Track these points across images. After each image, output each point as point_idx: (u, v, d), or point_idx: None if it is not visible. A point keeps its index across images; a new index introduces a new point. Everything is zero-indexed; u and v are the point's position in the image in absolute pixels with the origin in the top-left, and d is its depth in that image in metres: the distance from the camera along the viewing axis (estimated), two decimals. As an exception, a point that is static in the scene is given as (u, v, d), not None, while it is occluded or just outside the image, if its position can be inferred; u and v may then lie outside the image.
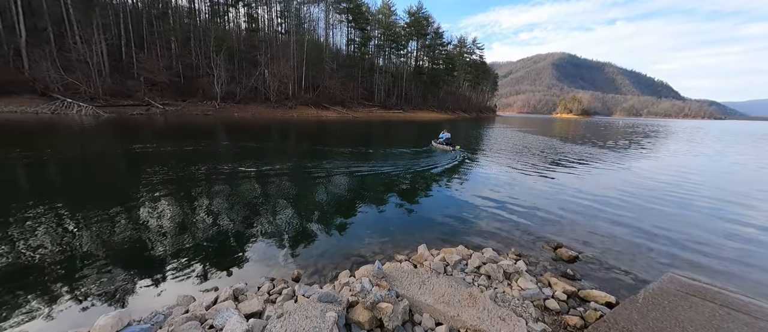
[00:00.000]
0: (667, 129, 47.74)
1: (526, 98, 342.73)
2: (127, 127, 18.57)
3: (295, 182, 7.49)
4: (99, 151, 11.07)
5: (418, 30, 69.27)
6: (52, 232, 4.25)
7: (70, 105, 25.20)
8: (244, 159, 9.93)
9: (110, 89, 29.63)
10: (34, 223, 4.46)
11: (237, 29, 47.81)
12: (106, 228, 4.47)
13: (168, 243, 4.11)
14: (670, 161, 13.51)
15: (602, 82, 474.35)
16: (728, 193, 8.07)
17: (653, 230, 5.26)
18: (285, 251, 4.10)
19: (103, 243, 4.04)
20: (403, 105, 64.05)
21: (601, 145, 19.38)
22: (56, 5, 29.40)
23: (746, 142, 26.28)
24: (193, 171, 7.92)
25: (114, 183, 7.00)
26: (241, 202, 5.84)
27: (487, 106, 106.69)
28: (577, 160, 12.74)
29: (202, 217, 5.08)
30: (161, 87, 33.63)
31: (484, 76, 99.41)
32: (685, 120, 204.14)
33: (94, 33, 29.47)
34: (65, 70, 27.25)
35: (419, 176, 8.58)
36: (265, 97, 41.03)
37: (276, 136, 17.95)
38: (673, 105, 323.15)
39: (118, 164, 9.16)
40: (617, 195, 7.38)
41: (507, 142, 18.80)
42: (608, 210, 6.23)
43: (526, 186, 8.00)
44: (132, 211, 5.15)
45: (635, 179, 9.37)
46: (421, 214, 5.68)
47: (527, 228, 5.12)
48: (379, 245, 4.36)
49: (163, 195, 5.98)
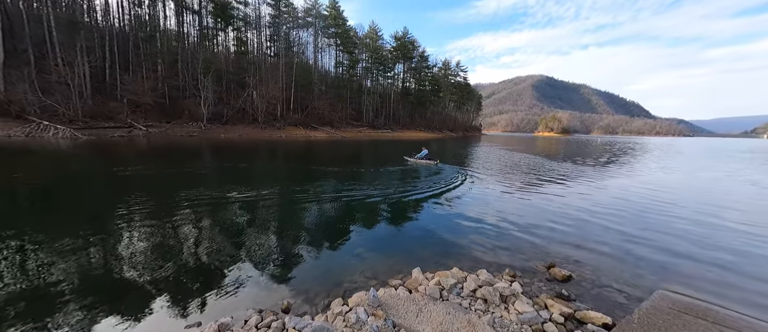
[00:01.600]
0: (643, 146, 50.22)
1: (510, 117, 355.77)
2: (106, 149, 17.91)
3: (282, 204, 7.32)
4: (70, 174, 10.55)
5: (405, 53, 71.91)
6: (10, 267, 3.92)
7: (46, 127, 24.22)
8: (228, 181, 9.67)
9: (91, 111, 28.80)
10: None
11: (226, 52, 48.18)
12: (73, 260, 4.17)
13: (145, 276, 3.86)
14: (650, 176, 14.09)
15: (579, 102, 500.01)
16: (708, 206, 8.42)
17: (640, 244, 5.37)
18: (273, 279, 3.91)
19: (72, 276, 3.75)
20: (391, 125, 65.07)
21: (583, 162, 20.09)
22: (39, 27, 28.94)
23: (718, 157, 27.89)
24: (172, 195, 7.62)
25: (83, 210, 6.63)
26: (225, 228, 5.62)
27: (472, 126, 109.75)
28: (562, 176, 13.11)
29: (182, 246, 4.84)
30: (145, 108, 32.97)
31: (469, 96, 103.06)
32: (657, 137, 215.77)
33: (78, 55, 28.98)
34: (44, 92, 26.43)
35: (409, 196, 8.56)
36: (253, 118, 40.83)
37: (262, 157, 17.69)
38: (646, 123, 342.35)
39: (90, 189, 8.73)
40: (603, 210, 7.57)
41: (494, 160, 19.21)
42: (596, 226, 6.35)
43: (515, 204, 8.10)
44: (104, 241, 4.85)
45: (619, 194, 9.67)
46: (413, 235, 5.61)
47: (519, 247, 5.13)
48: (372, 269, 4.24)
49: (139, 222, 5.69)
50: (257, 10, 48.77)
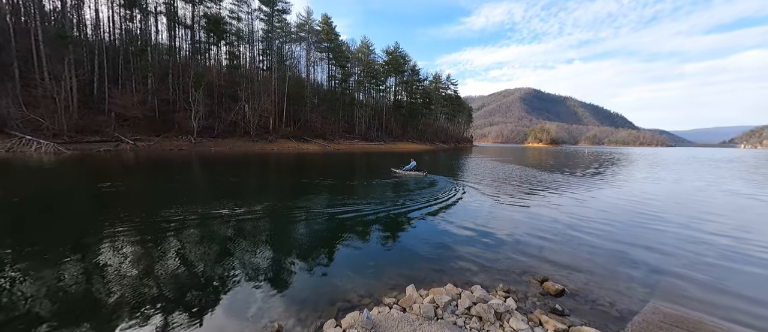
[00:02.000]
0: (629, 156, 51.67)
1: (500, 129, 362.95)
2: (89, 164, 17.43)
3: (271, 221, 7.19)
4: (46, 191, 10.19)
5: (396, 67, 73.31)
6: (-10, 292, 3.71)
7: (28, 142, 23.50)
8: (215, 196, 9.49)
9: (76, 125, 28.15)
10: (-30, 282, 3.89)
11: (218, 65, 48.24)
12: (44, 283, 3.97)
13: (124, 301, 3.70)
14: (637, 187, 14.44)
15: (565, 114, 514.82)
16: (695, 217, 8.64)
17: (631, 256, 5.45)
18: (262, 300, 3.80)
19: (42, 299, 3.56)
20: (383, 137, 65.50)
21: (573, 173, 20.50)
22: (26, 41, 28.50)
23: (700, 167, 28.85)
24: (155, 212, 7.41)
25: (57, 228, 6.37)
26: (212, 247, 5.47)
27: (464, 137, 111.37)
28: (553, 188, 13.32)
29: (166, 268, 4.67)
30: (134, 122, 32.42)
31: (460, 108, 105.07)
32: (641, 147, 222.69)
33: (65, 69, 28.54)
34: (28, 106, 25.78)
35: (402, 209, 8.54)
36: (245, 131, 40.56)
37: (253, 170, 17.47)
38: (630, 134, 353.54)
39: (66, 206, 8.43)
40: (593, 222, 7.68)
41: (486, 172, 19.42)
42: (587, 238, 6.43)
43: (508, 216, 8.16)
44: (77, 264, 4.66)
45: (608, 205, 9.86)
46: (407, 250, 5.56)
47: (512, 260, 5.14)
48: (365, 286, 4.17)
49: (117, 241, 5.50)
50: (250, 25, 49.30)
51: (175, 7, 41.29)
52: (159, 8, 40.66)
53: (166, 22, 41.83)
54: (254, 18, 48.94)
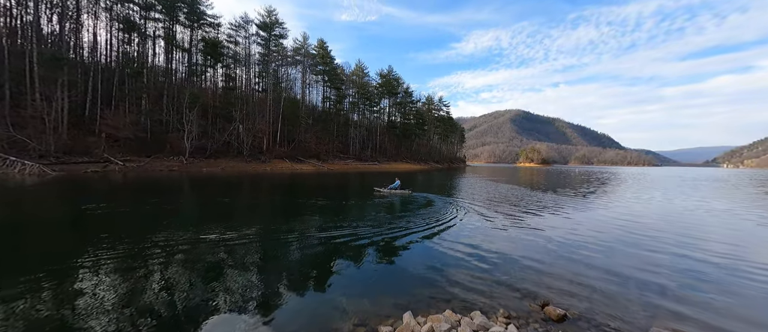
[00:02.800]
0: (618, 176, 52.72)
1: (492, 149, 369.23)
2: (74, 185, 16.92)
3: (261, 245, 6.97)
4: (21, 213, 9.77)
5: (390, 89, 75.13)
6: (-46, 327, 3.42)
7: (12, 163, 22.83)
8: (202, 219, 9.22)
9: (65, 146, 27.58)
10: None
11: (213, 87, 48.73)
12: (11, 316, 3.70)
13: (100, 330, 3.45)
14: (630, 207, 14.60)
15: (554, 134, 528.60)
16: (688, 238, 8.70)
17: (630, 278, 5.40)
18: (251, 329, 3.59)
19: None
20: (377, 157, 65.77)
21: (566, 192, 20.71)
22: (20, 62, 28.48)
23: (687, 186, 29.51)
24: (136, 237, 7.12)
25: (30, 254, 6.04)
26: (199, 274, 5.23)
27: (457, 157, 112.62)
28: (547, 207, 13.37)
29: (145, 294, 4.42)
30: (125, 143, 31.96)
31: (452, 129, 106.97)
32: (629, 167, 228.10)
33: (58, 90, 28.39)
34: (16, 127, 25.29)
35: (396, 232, 8.40)
36: (238, 151, 40.30)
37: (243, 191, 17.17)
38: (618, 154, 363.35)
39: (39, 229, 8.06)
40: (590, 243, 7.66)
41: (481, 193, 19.47)
42: (585, 259, 6.38)
43: (504, 238, 8.09)
44: (49, 294, 4.38)
45: (603, 226, 9.89)
46: (402, 274, 5.41)
47: (511, 283, 5.03)
48: (360, 314, 3.99)
49: (91, 268, 5.22)
50: (247, 49, 50.46)
51: (174, 31, 42.19)
52: (158, 32, 41.47)
53: (164, 45, 42.53)
54: (251, 42, 50.23)
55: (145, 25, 39.71)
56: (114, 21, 37.75)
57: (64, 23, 34.00)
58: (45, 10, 33.04)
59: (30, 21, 31.15)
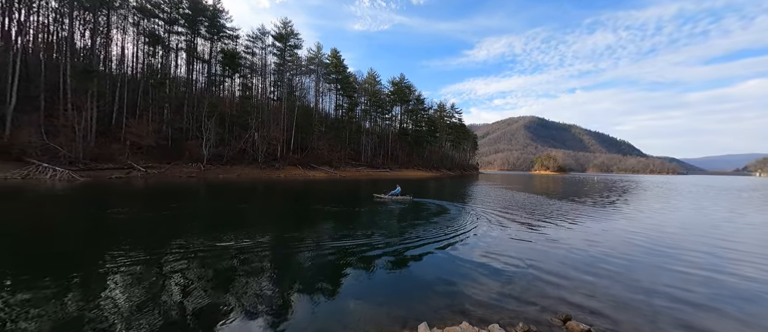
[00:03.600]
0: (641, 184, 50.54)
1: (505, 156, 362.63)
2: (100, 191, 17.72)
3: (275, 252, 7.02)
4: (50, 217, 10.26)
5: (401, 97, 75.51)
6: (-11, 325, 3.59)
7: (44, 169, 24.21)
8: (216, 225, 9.41)
9: (92, 153, 29.08)
10: (-30, 314, 3.79)
11: (231, 96, 50.44)
12: (38, 314, 3.84)
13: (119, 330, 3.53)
14: (656, 216, 13.92)
15: (571, 141, 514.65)
16: (720, 250, 8.18)
17: (656, 292, 5.09)
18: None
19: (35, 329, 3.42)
20: (389, 164, 65.80)
21: (585, 201, 19.99)
22: (55, 75, 30.47)
23: (716, 195, 27.91)
24: (154, 242, 7.33)
25: (54, 255, 6.31)
26: (212, 279, 5.30)
27: (469, 164, 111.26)
28: (566, 217, 12.91)
29: (162, 297, 4.51)
30: (148, 150, 33.39)
31: (465, 136, 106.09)
32: (652, 175, 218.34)
33: (88, 100, 30.12)
34: (49, 135, 26.91)
35: (410, 239, 8.30)
36: (253, 158, 41.27)
37: (258, 198, 17.49)
38: (639, 161, 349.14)
39: (67, 232, 8.42)
40: (613, 254, 7.31)
41: (495, 201, 19.06)
42: (608, 271, 6.08)
43: (522, 248, 7.84)
44: (73, 296, 4.53)
45: (627, 236, 9.45)
46: (417, 283, 5.30)
47: (531, 296, 4.84)
48: (374, 323, 3.93)
49: (112, 270, 5.38)
50: (263, 59, 52.13)
51: (195, 44, 44.18)
52: (180, 45, 43.55)
53: (186, 57, 44.55)
54: (268, 52, 51.88)
55: (169, 38, 41.82)
56: (140, 35, 39.93)
57: (96, 38, 36.23)
58: (79, 26, 35.34)
59: (65, 37, 33.39)
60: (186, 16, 41.97)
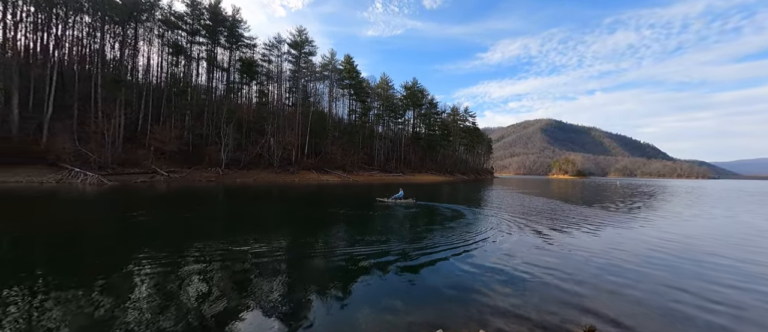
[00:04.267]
0: (667, 189, 48.04)
1: (521, 160, 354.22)
2: (126, 194, 18.59)
3: (290, 256, 7.11)
4: (81, 220, 10.82)
5: (414, 101, 75.44)
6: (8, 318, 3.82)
7: (77, 174, 25.68)
8: (234, 228, 9.64)
9: (120, 158, 30.60)
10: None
11: (248, 102, 51.97)
12: (63, 308, 4.04)
13: (139, 327, 3.65)
14: (685, 224, 13.18)
15: (591, 144, 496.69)
16: (753, 261, 7.64)
17: (684, 304, 4.81)
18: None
19: (60, 322, 3.60)
20: (402, 168, 65.63)
21: (606, 206, 19.19)
22: (87, 85, 32.46)
23: (755, 201, 26.12)
24: (175, 242, 7.58)
25: (82, 255, 6.62)
26: (224, 280, 5.43)
27: (484, 168, 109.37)
28: (586, 223, 12.43)
29: (182, 298, 4.65)
30: (170, 155, 34.82)
31: (479, 140, 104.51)
32: (679, 179, 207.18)
33: (116, 108, 31.85)
34: (80, 141, 28.58)
35: (425, 245, 8.21)
36: (269, 163, 42.21)
37: (273, 201, 17.83)
38: (665, 165, 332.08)
39: (95, 233, 8.84)
40: (637, 263, 6.97)
41: (511, 205, 18.62)
42: (632, 280, 5.79)
43: (540, 254, 7.60)
44: (97, 295, 4.74)
45: (651, 244, 8.98)
46: (431, 289, 5.23)
47: (551, 305, 4.67)
48: (389, 329, 3.90)
49: (134, 271, 5.59)
50: (279, 67, 53.53)
51: (215, 53, 45.99)
52: (201, 54, 45.45)
53: (206, 66, 46.41)
54: (283, 60, 53.27)
55: (191, 48, 43.73)
56: (165, 46, 41.97)
57: (125, 50, 38.35)
58: (109, 39, 37.56)
59: (97, 49, 35.57)
60: (207, 27, 43.80)
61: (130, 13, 36.45)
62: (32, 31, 32.78)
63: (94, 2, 34.02)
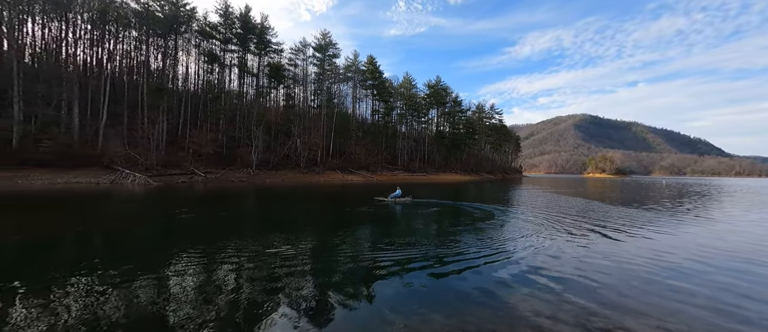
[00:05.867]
0: (724, 188, 43.14)
1: (552, 158, 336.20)
2: (167, 193, 20.10)
3: (316, 255, 7.26)
4: (130, 216, 11.81)
5: (438, 99, 74.35)
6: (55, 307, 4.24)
7: (127, 175, 28.24)
8: (266, 227, 10.03)
9: (163, 160, 33.21)
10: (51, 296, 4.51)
11: (275, 106, 54.18)
12: (116, 297, 4.40)
13: (187, 318, 3.90)
14: (751, 229, 11.77)
15: (632, 140, 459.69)
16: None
17: (753, 325, 4.25)
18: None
19: (116, 311, 3.92)
20: (426, 168, 64.96)
21: (651, 207, 17.64)
22: (134, 94, 35.61)
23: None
24: (213, 242, 8.02)
25: (137, 249, 7.19)
26: (254, 279, 5.63)
27: (512, 167, 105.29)
28: (627, 226, 11.48)
29: (217, 293, 4.89)
30: (206, 157, 37.22)
31: (506, 138, 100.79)
32: (738, 178, 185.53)
33: (160, 115, 34.61)
34: (129, 146, 31.40)
35: (449, 245, 8.02)
36: (296, 164, 43.70)
37: (300, 200, 18.40)
38: (720, 162, 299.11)
39: (145, 229, 9.58)
40: (690, 273, 6.30)
41: (542, 205, 17.70)
42: (684, 295, 5.24)
43: (576, 259, 7.12)
44: (140, 285, 5.11)
45: (708, 252, 8.09)
46: (458, 294, 5.07)
47: (589, 320, 4.35)
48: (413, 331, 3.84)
49: (180, 265, 5.97)
50: (305, 70, 55.26)
51: (245, 59, 48.46)
52: (233, 62, 48.13)
53: (238, 72, 49.05)
54: (308, 63, 54.92)
55: (224, 56, 46.44)
56: (201, 55, 44.94)
57: (166, 60, 41.58)
58: (153, 51, 40.90)
59: (142, 60, 38.87)
60: (238, 35, 46.26)
61: (170, 26, 39.40)
62: (89, 47, 36.53)
63: (140, 17, 37.18)
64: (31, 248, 7.02)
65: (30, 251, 6.82)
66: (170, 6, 39.35)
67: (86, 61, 36.52)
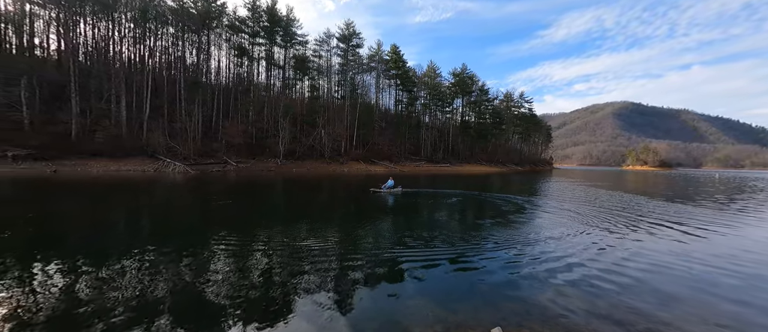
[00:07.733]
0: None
1: (587, 149, 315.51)
2: (203, 181, 21.47)
3: (339, 244, 7.41)
4: (168, 201, 12.74)
5: (463, 88, 71.98)
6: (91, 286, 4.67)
7: (168, 164, 30.50)
8: (294, 216, 10.39)
9: (199, 150, 35.42)
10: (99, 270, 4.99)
11: (301, 97, 55.43)
12: (162, 274, 4.77)
13: (226, 301, 4.16)
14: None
15: (679, 130, 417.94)
16: None
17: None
18: (329, 326, 3.82)
19: (154, 287, 4.26)
20: (450, 158, 63.75)
21: (701, 203, 16.07)
22: (173, 88, 38.01)
23: None
24: (245, 231, 8.44)
25: (180, 233, 7.75)
26: (281, 268, 5.86)
27: (541, 159, 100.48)
28: (673, 222, 10.56)
29: (249, 278, 5.16)
30: (237, 147, 39.17)
31: (536, 128, 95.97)
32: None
33: (195, 108, 36.76)
34: (170, 137, 33.77)
35: (478, 237, 7.86)
36: (321, 154, 44.72)
37: (326, 190, 18.87)
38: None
39: (186, 215, 10.30)
40: (745, 274, 5.69)
41: (575, 199, 16.76)
42: (738, 297, 4.75)
43: (613, 255, 6.68)
44: (185, 265, 5.50)
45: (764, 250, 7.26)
46: (488, 285, 4.97)
47: (622, 317, 4.09)
48: (442, 321, 3.83)
49: (216, 251, 6.36)
50: (329, 61, 55.72)
51: (272, 52, 49.78)
52: (261, 55, 49.65)
53: (265, 65, 50.58)
54: (332, 54, 55.25)
55: (252, 49, 47.98)
56: (231, 49, 46.78)
57: (200, 55, 43.77)
58: (188, 46, 43.18)
59: (179, 56, 41.19)
60: (265, 28, 47.48)
61: (203, 21, 41.23)
62: (132, 44, 39.30)
63: (176, 14, 39.25)
64: (124, 224, 7.83)
65: (124, 225, 7.61)
66: (203, 2, 41.09)
67: (130, 57, 39.37)
